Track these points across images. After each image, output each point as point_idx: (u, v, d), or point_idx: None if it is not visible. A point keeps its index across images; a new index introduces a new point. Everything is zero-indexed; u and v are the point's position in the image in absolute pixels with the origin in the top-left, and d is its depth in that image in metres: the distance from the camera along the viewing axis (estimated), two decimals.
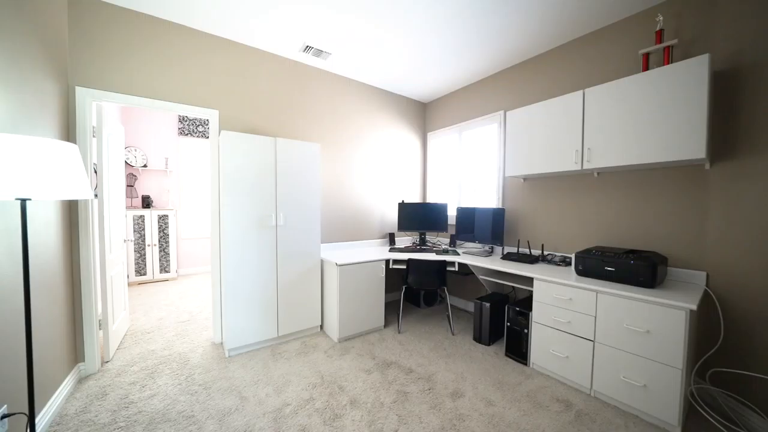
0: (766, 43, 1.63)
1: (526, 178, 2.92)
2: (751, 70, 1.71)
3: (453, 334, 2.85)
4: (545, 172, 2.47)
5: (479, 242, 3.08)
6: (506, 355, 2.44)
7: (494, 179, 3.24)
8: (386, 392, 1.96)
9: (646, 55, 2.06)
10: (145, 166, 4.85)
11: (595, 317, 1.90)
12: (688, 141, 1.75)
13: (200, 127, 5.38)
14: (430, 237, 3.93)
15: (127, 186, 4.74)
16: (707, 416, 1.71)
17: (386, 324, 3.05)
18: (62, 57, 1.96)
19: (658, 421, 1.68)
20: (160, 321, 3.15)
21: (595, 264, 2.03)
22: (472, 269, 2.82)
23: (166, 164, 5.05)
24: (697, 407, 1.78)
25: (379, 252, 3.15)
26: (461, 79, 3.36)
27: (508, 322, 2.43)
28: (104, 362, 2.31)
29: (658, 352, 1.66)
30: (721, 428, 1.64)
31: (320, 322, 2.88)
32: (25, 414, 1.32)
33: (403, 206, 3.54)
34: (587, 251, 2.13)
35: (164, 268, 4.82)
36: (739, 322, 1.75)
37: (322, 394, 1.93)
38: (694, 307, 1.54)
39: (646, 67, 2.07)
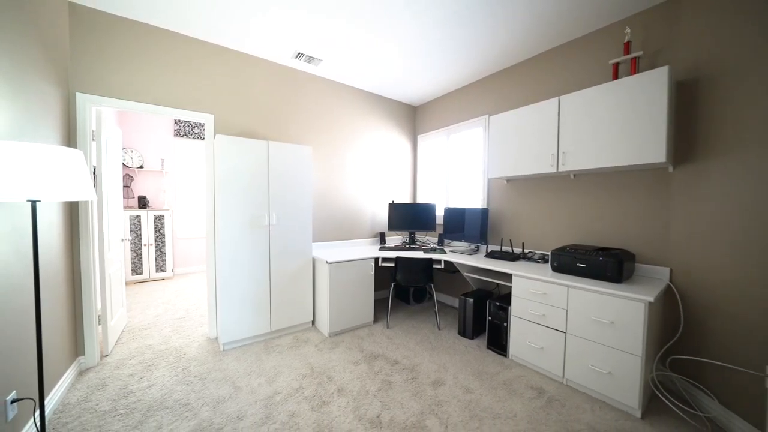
0: (722, 56, 1.77)
1: (509, 180, 3.06)
2: (709, 81, 1.84)
3: (439, 329, 2.98)
4: (525, 174, 2.60)
5: (465, 241, 3.21)
6: (488, 347, 2.58)
7: (480, 180, 3.38)
8: (372, 381, 2.08)
9: (616, 65, 2.20)
10: (141, 167, 4.93)
11: (567, 310, 2.04)
12: (651, 146, 1.89)
13: (196, 128, 5.46)
14: (420, 236, 4.06)
15: (124, 187, 4.82)
16: (665, 400, 1.86)
17: (376, 319, 3.17)
18: (63, 64, 2.06)
19: (622, 405, 1.82)
20: (156, 318, 3.25)
21: (569, 261, 2.17)
22: (457, 267, 2.95)
23: (162, 165, 5.14)
24: (656, 392, 1.93)
25: (370, 251, 3.27)
26: (449, 83, 3.49)
27: (489, 316, 2.57)
28: (103, 356, 2.41)
29: (621, 341, 1.79)
30: (677, 411, 1.78)
31: (312, 318, 3.00)
32: (33, 399, 1.43)
33: (393, 206, 3.67)
34: (562, 249, 2.26)
35: (160, 267, 4.90)
36: (698, 314, 1.90)
37: (311, 384, 2.05)
38: (652, 299, 1.68)
39: (615, 76, 2.21)
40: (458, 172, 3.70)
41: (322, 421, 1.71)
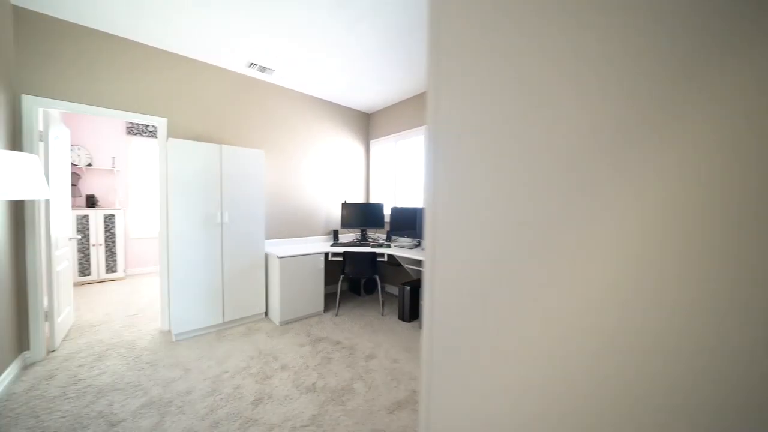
0: None
1: None
2: None
3: (382, 315, 3.34)
4: None
5: (409, 237, 3.60)
6: (421, 328, 2.96)
7: (422, 182, 3.79)
8: (313, 358, 2.37)
9: None
10: (89, 165, 4.80)
11: None
12: None
13: (150, 126, 5.38)
14: (371, 233, 4.40)
15: (71, 185, 4.66)
16: None
17: (326, 309, 3.46)
18: (7, 66, 2.12)
19: None
20: (107, 315, 3.28)
21: None
22: (398, 260, 3.32)
23: (113, 163, 5.02)
24: None
25: (322, 246, 3.55)
26: (394, 95, 3.87)
27: (422, 301, 2.96)
28: (50, 351, 2.46)
29: None
30: None
31: (265, 309, 3.22)
32: None
33: (345, 206, 3.97)
34: None
35: (110, 267, 4.80)
36: None
37: (257, 363, 2.30)
38: None
39: None
40: (404, 174, 4.10)
41: (264, 390, 1.97)
